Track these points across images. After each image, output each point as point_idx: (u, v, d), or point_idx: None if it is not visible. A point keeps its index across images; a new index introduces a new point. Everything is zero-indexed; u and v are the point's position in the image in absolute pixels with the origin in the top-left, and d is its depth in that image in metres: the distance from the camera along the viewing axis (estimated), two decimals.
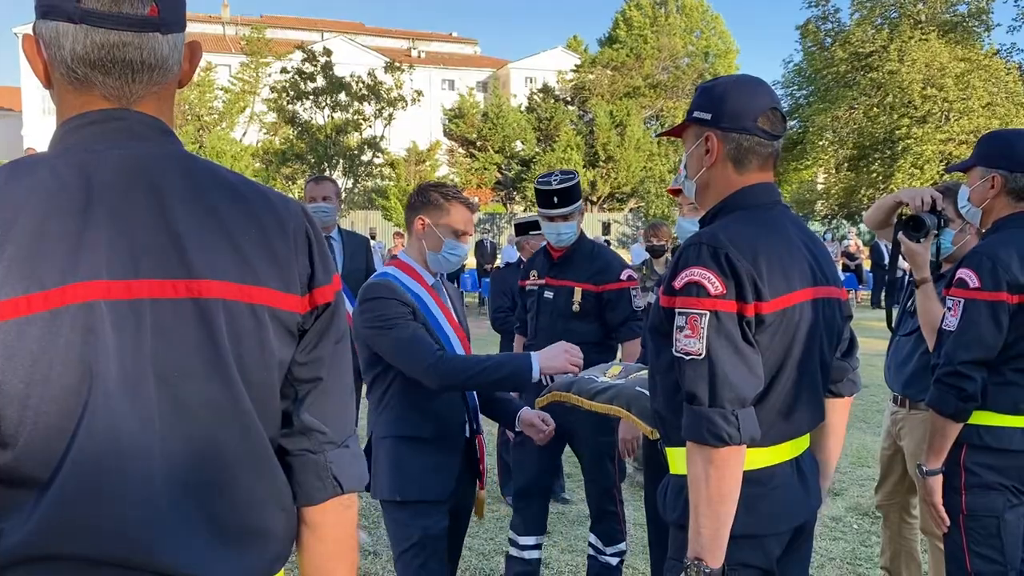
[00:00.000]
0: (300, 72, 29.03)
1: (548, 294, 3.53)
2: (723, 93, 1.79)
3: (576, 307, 3.44)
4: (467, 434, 2.62)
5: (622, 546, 3.49)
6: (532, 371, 2.39)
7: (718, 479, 1.57)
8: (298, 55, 30.09)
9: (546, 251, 3.64)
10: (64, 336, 0.97)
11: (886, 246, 19.93)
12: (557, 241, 3.50)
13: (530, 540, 3.50)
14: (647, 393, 2.33)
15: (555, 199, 3.39)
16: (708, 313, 1.60)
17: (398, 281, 2.52)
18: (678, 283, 1.65)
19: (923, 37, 30.71)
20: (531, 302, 3.62)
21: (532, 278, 3.64)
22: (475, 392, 2.66)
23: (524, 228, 5.10)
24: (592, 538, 3.51)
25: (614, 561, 3.46)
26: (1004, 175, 2.35)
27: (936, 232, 2.66)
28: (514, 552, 3.53)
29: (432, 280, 2.60)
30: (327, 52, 29.73)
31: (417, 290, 2.54)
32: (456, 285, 7.27)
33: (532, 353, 2.44)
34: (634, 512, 4.73)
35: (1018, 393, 2.27)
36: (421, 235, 2.57)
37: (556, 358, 2.42)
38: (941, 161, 29.25)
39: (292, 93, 29.15)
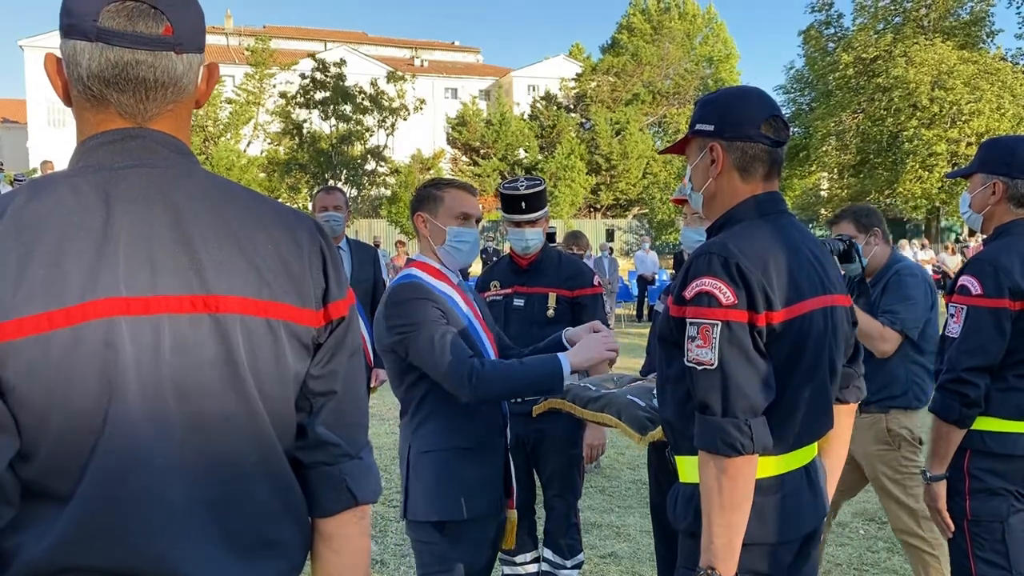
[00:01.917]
0: (313, 80, 29.18)
1: (518, 302, 3.40)
2: (725, 104, 1.81)
3: (551, 312, 3.37)
4: (505, 443, 2.48)
5: (581, 556, 3.45)
6: (564, 373, 2.26)
7: (731, 488, 1.58)
8: (307, 63, 30.25)
9: (510, 260, 3.50)
10: (85, 352, 0.99)
11: None
12: (524, 248, 3.36)
13: (527, 557, 3.47)
14: (638, 401, 2.33)
15: (523, 204, 3.26)
16: (720, 323, 1.60)
17: (424, 282, 2.37)
18: (689, 293, 1.66)
19: (928, 42, 30.79)
20: (496, 312, 3.38)
21: (493, 289, 3.49)
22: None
23: None
24: (548, 553, 3.41)
25: (575, 574, 3.41)
26: (1005, 181, 2.36)
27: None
28: (508, 570, 3.48)
29: (457, 280, 2.47)
30: (340, 63, 29.90)
31: (445, 290, 2.40)
32: None
33: (561, 355, 2.29)
34: (640, 519, 4.73)
35: (1021, 398, 2.28)
36: (426, 233, 2.44)
37: (590, 349, 2.30)
38: (950, 162, 29.27)
39: (302, 100, 29.30)
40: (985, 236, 2.46)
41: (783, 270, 1.67)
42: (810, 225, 32.86)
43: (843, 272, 2.99)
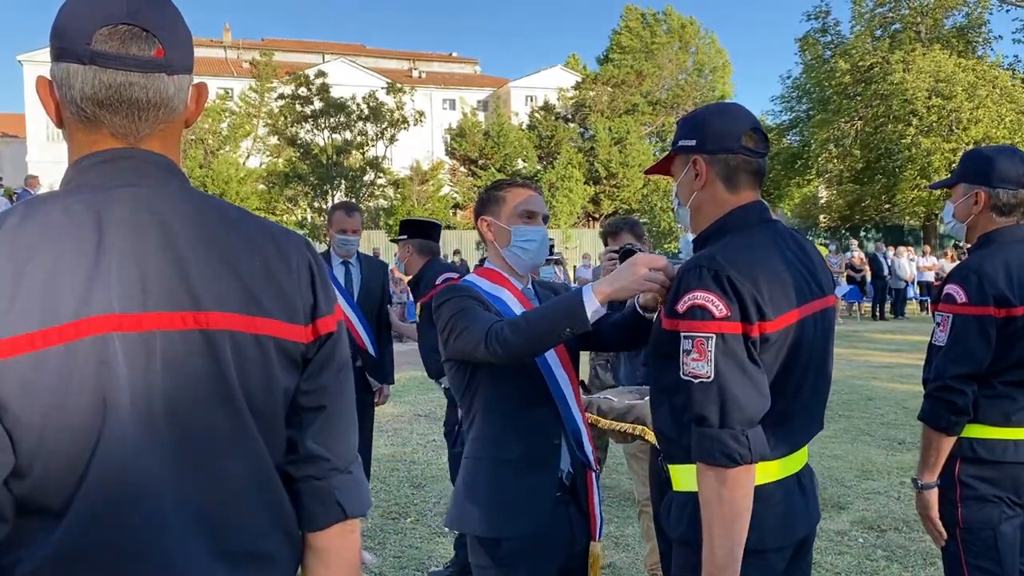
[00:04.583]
0: (296, 96, 29.25)
1: None
2: (704, 120, 1.86)
3: None
4: (567, 464, 2.22)
5: None
6: (585, 303, 1.92)
7: (731, 498, 1.60)
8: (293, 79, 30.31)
9: None
10: (79, 369, 1.01)
11: (884, 255, 19.41)
12: None
13: None
14: None
15: None
16: (714, 336, 1.62)
17: (475, 286, 2.26)
18: (681, 307, 1.67)
19: (925, 49, 30.88)
20: None
21: None
22: (575, 411, 2.25)
23: None
24: None
25: None
26: (987, 191, 2.39)
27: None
28: None
29: (522, 285, 2.33)
30: (321, 75, 29.95)
31: (498, 293, 2.26)
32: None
33: (586, 286, 1.98)
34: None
35: (1009, 405, 2.30)
36: (491, 237, 2.33)
37: (620, 276, 1.92)
38: (948, 169, 29.28)
39: (290, 117, 29.39)
40: (969, 245, 2.49)
41: (773, 280, 1.69)
42: (808, 233, 32.93)
43: None
